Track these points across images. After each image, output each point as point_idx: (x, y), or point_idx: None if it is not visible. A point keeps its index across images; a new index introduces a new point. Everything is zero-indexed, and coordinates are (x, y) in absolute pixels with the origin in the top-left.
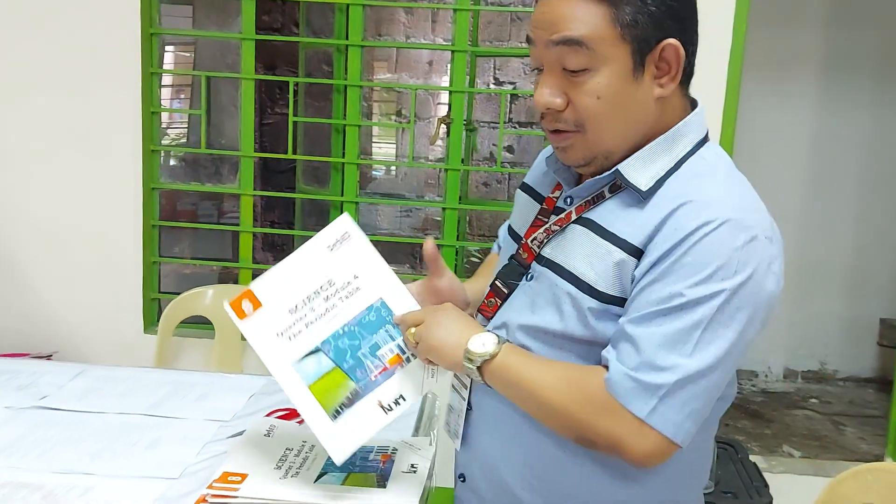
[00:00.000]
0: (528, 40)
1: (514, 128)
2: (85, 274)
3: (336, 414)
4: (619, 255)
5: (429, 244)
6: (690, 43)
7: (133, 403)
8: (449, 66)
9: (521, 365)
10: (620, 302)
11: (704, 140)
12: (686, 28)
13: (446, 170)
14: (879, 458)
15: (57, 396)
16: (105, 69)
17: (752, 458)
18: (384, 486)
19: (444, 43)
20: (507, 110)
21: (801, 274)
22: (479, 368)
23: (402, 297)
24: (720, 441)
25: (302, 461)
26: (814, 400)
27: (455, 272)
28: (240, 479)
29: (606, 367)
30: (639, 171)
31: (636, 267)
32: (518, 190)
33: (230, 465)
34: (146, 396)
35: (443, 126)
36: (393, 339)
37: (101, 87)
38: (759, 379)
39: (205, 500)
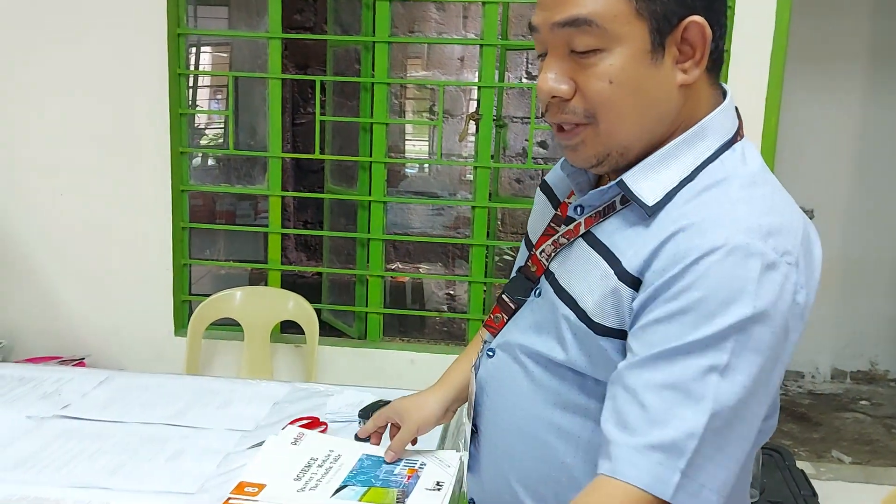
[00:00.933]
0: (530, 26)
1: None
2: (116, 277)
3: None
4: (614, 281)
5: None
6: (718, 23)
7: (155, 412)
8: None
9: None
10: (618, 334)
11: (732, 141)
12: (712, 5)
13: (476, 167)
14: None
15: (80, 405)
16: (133, 71)
17: (800, 464)
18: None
19: (476, 37)
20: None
21: (847, 271)
22: None
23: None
24: (765, 447)
25: (325, 472)
26: (864, 402)
27: (486, 271)
28: (256, 489)
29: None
30: (647, 180)
31: (633, 299)
32: (538, 189)
33: (249, 474)
34: (169, 405)
35: (472, 123)
36: (398, 463)
37: (129, 90)
38: (805, 380)
39: None
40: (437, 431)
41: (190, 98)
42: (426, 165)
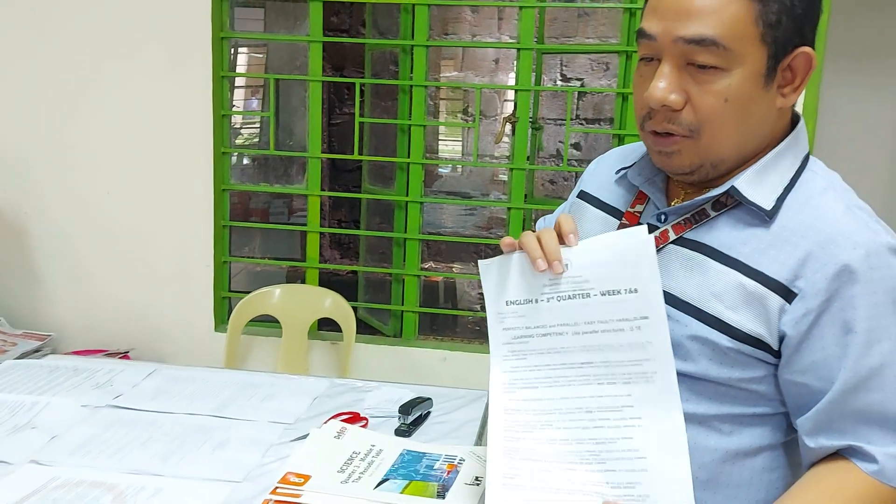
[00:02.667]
0: (642, 32)
1: (582, 125)
2: (160, 273)
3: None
4: (752, 285)
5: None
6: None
7: (201, 404)
8: (515, 63)
9: None
10: (755, 342)
11: (808, 155)
12: (815, 38)
13: (511, 169)
14: None
15: (130, 396)
16: (178, 74)
17: None
18: (443, 497)
19: (511, 39)
20: (575, 107)
21: None
22: None
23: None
24: None
25: (367, 465)
26: None
27: None
28: (302, 480)
29: (835, 455)
30: (756, 187)
31: (784, 308)
32: (577, 199)
33: (294, 465)
34: (214, 397)
35: (508, 125)
36: (438, 458)
37: (174, 91)
38: None
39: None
40: (475, 427)
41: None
42: (458, 166)
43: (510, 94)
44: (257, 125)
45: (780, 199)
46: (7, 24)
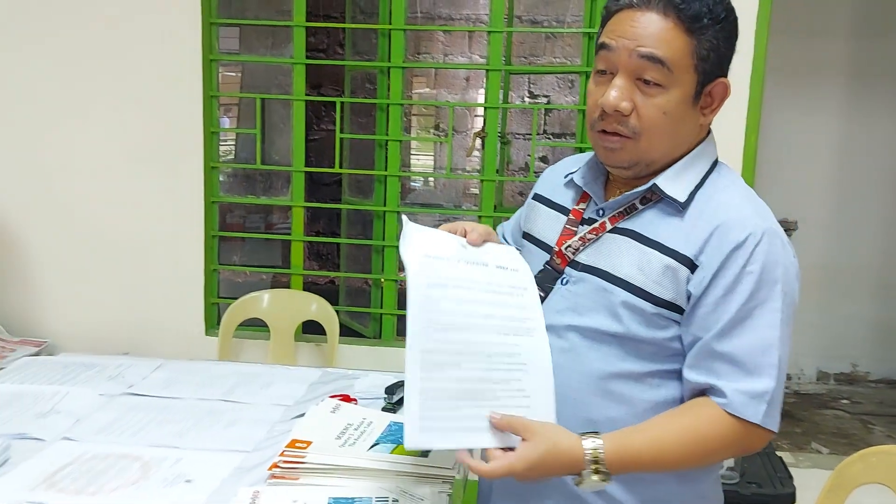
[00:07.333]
0: (604, 45)
1: (549, 139)
2: (152, 280)
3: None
4: (668, 261)
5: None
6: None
7: (208, 391)
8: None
9: (640, 450)
10: (671, 306)
11: (717, 160)
12: (728, 69)
13: (482, 181)
14: None
15: (142, 385)
16: (171, 93)
17: (781, 454)
18: (426, 456)
19: (481, 58)
20: (543, 122)
21: (829, 278)
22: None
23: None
24: None
25: (360, 434)
26: (844, 400)
27: None
28: (305, 445)
29: (702, 393)
30: (673, 184)
31: (689, 277)
32: (531, 200)
33: (297, 433)
34: (219, 385)
35: (478, 140)
36: None
37: (167, 109)
38: (791, 381)
39: (277, 466)
40: None
41: None
42: (431, 179)
43: (481, 111)
44: (232, 141)
45: (692, 194)
46: (9, 43)
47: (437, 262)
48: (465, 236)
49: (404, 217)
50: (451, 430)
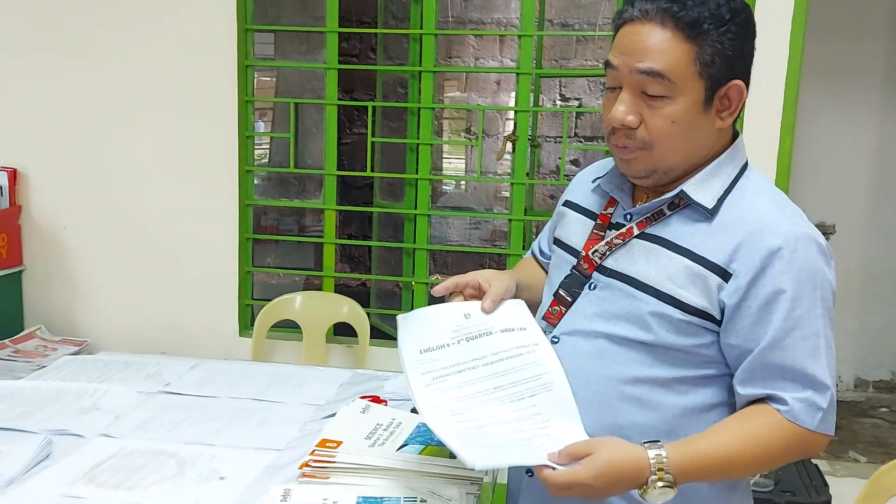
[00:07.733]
0: (608, 63)
1: (580, 142)
2: (188, 282)
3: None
4: (697, 268)
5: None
6: (748, 84)
7: (242, 390)
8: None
9: (705, 457)
10: (701, 314)
11: (746, 164)
12: (749, 71)
13: (512, 184)
14: None
15: (178, 384)
16: (208, 99)
17: (817, 461)
18: (454, 458)
19: (511, 62)
20: (574, 125)
21: (868, 283)
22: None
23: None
24: None
25: (389, 434)
26: (884, 409)
27: None
28: (335, 444)
29: (756, 401)
30: (701, 190)
31: (721, 286)
32: (562, 206)
33: (328, 433)
34: (252, 385)
35: (509, 143)
36: None
37: (203, 115)
38: None
39: (307, 465)
40: None
41: None
42: (463, 183)
43: (511, 114)
44: (267, 145)
45: (721, 200)
46: (56, 58)
47: (435, 354)
48: (478, 288)
49: (399, 317)
50: (504, 453)
